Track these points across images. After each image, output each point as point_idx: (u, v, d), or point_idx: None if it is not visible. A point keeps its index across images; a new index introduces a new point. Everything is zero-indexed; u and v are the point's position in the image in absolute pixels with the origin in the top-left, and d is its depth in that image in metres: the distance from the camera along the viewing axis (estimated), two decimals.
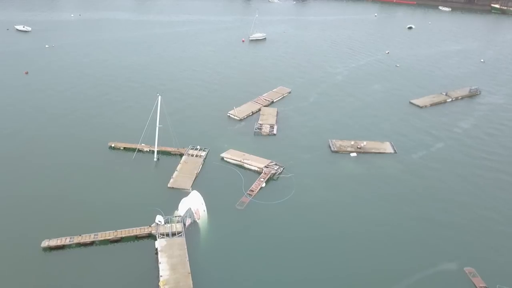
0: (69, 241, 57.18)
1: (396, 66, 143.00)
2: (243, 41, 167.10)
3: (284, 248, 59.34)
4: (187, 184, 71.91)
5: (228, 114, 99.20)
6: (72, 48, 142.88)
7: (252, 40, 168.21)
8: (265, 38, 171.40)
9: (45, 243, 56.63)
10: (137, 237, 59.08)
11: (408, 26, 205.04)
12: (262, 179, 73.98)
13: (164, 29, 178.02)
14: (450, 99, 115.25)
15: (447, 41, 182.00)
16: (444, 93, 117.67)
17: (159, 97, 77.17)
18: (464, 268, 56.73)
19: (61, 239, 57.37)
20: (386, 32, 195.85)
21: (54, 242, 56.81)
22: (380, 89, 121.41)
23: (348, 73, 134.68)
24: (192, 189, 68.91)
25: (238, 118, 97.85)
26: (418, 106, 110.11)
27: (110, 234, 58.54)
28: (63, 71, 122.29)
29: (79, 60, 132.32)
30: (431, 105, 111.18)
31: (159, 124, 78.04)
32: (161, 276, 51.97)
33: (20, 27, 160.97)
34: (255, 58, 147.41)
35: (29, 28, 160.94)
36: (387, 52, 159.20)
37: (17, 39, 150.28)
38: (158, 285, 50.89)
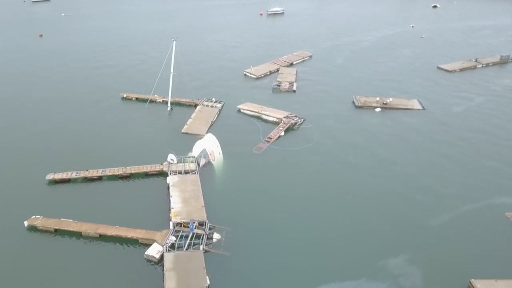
0: (75, 175, 53.65)
1: (421, 37, 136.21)
2: (261, 14, 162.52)
3: (300, 190, 54.13)
4: (202, 130, 67.65)
5: (244, 72, 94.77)
6: (88, 17, 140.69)
7: (270, 14, 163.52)
8: (283, 12, 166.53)
9: (50, 176, 53.23)
10: (147, 174, 55.17)
11: (433, 5, 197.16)
12: (281, 128, 69.26)
13: (185, 3, 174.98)
14: (480, 65, 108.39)
15: (475, 18, 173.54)
16: (474, 60, 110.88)
17: (174, 42, 73.15)
18: (506, 213, 51.15)
19: (67, 173, 53.89)
20: (410, 10, 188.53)
21: (59, 176, 53.39)
22: (406, 54, 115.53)
23: (374, 40, 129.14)
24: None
25: (255, 76, 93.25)
26: (446, 70, 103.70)
27: (118, 170, 54.77)
28: (75, 34, 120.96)
29: (93, 26, 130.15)
30: (460, 70, 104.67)
31: (172, 71, 74.17)
32: (172, 208, 47.88)
33: None
34: (274, 28, 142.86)
35: None
36: (411, 25, 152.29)
37: (35, 9, 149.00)
38: (169, 217, 46.80)
